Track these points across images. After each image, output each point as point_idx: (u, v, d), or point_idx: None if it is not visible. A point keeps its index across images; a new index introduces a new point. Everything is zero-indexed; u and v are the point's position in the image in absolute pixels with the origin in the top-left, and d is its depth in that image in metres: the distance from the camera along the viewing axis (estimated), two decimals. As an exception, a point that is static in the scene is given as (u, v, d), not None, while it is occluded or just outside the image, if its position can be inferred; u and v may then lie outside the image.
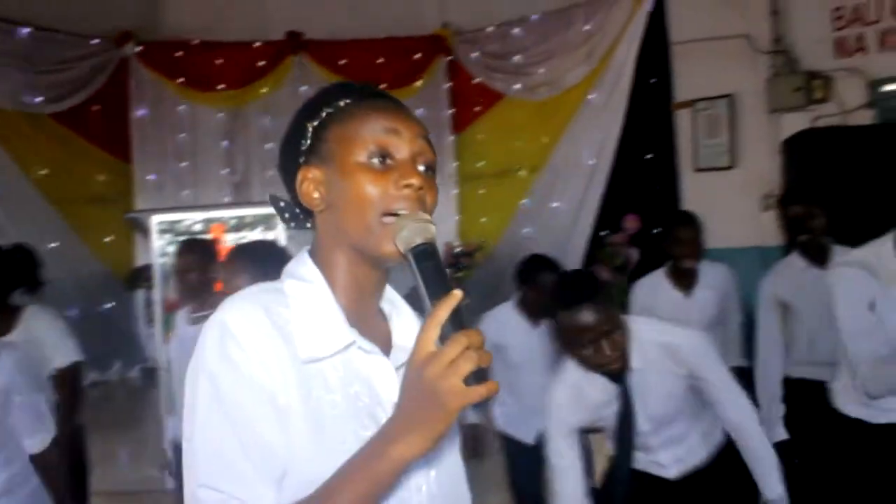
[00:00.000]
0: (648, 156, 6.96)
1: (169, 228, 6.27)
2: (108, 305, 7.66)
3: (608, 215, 7.14)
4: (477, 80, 7.87)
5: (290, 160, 1.26)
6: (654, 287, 4.11)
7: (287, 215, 1.32)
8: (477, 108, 7.90)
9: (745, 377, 3.57)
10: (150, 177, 7.96)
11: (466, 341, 1.00)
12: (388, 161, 1.18)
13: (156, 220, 6.27)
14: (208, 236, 5.89)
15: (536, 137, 7.42)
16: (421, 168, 1.20)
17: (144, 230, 6.52)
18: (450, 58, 8.05)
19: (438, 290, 1.07)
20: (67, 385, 3.44)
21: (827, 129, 5.83)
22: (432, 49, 7.97)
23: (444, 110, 8.08)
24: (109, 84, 7.81)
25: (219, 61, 7.86)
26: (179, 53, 7.90)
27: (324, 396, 1.14)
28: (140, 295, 7.65)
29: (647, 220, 6.61)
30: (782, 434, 3.77)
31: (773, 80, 6.24)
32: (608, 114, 7.06)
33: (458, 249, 7.49)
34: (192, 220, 6.35)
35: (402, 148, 1.19)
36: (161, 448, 4.28)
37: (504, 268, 7.52)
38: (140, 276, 7.44)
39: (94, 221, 7.65)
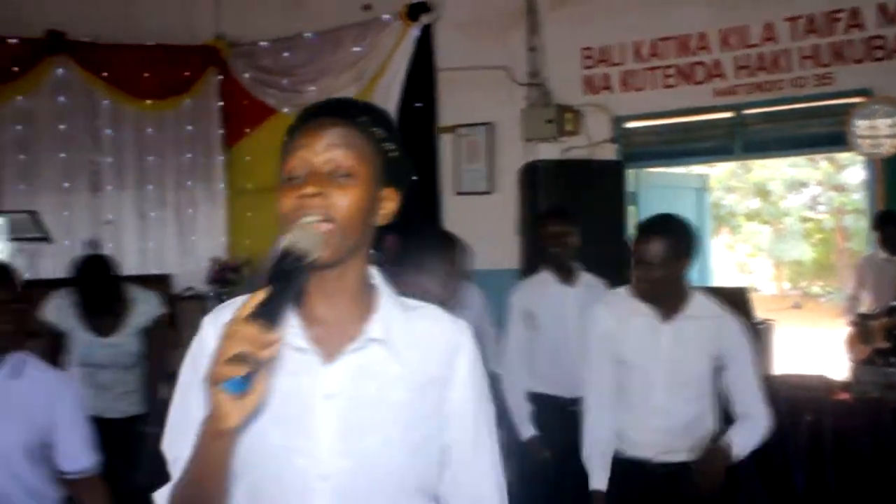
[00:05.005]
0: (413, 178, 7.08)
1: None
2: None
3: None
4: (249, 95, 7.76)
5: None
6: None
7: None
8: (248, 124, 7.77)
9: (497, 381, 3.89)
10: None
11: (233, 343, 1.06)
12: (296, 179, 1.27)
13: None
14: None
15: (307, 154, 7.33)
16: (326, 172, 1.28)
17: None
18: (220, 77, 7.87)
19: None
20: None
21: (547, 162, 6.22)
22: (204, 60, 7.77)
23: (215, 127, 7.88)
24: None
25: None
26: None
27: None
28: None
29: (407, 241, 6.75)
30: (531, 430, 4.05)
31: (528, 111, 6.58)
32: (375, 135, 7.13)
33: (224, 265, 7.33)
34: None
35: (308, 160, 1.29)
36: None
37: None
38: None
39: None
